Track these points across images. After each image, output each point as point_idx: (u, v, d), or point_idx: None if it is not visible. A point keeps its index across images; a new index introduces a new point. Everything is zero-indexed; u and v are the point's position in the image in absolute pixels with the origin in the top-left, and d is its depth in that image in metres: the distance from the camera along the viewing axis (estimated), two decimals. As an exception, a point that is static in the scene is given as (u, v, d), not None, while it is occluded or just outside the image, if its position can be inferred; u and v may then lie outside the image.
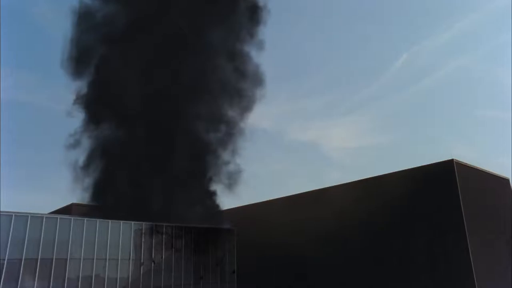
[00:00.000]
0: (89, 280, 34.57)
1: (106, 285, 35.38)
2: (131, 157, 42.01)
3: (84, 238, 34.97)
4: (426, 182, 30.45)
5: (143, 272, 37.94)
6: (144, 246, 38.52)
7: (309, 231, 38.35)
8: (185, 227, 41.66)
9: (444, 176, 29.47)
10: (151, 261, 38.59)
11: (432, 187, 29.93)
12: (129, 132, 43.19)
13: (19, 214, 32.28)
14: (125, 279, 36.83)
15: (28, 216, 32.45)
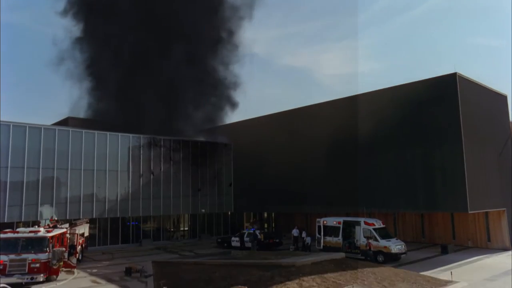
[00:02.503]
0: (91, 190, 35.39)
1: (107, 195, 36.33)
2: (125, 64, 41.06)
3: (83, 150, 35.21)
4: (426, 96, 30.37)
5: (142, 183, 38.86)
6: (143, 159, 39.05)
7: (305, 146, 38.86)
8: (183, 140, 42.03)
9: (445, 90, 29.37)
10: (150, 173, 39.36)
11: (432, 101, 29.92)
12: (121, 33, 41.77)
13: (18, 124, 32.09)
14: (125, 190, 37.78)
15: (26, 126, 32.29)
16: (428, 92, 30.42)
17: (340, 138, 35.68)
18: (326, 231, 29.54)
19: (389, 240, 26.91)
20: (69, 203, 34.01)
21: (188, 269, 23.42)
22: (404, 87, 32.13)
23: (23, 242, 21.25)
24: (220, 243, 35.65)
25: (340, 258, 22.05)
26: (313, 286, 17.06)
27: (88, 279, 23.02)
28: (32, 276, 20.43)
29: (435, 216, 35.58)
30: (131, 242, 37.89)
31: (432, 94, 30.06)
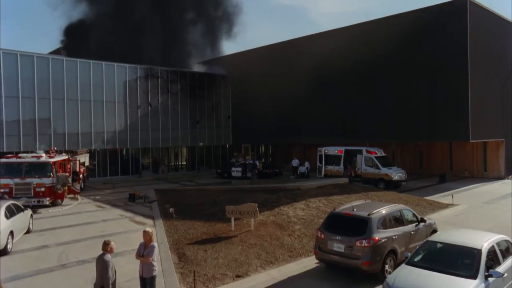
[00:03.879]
0: (88, 121, 34.89)
1: (105, 126, 35.92)
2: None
3: (79, 80, 34.25)
4: (432, 23, 29.29)
5: (140, 115, 38.35)
6: (140, 90, 38.25)
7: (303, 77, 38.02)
8: (180, 71, 41.01)
9: (454, 16, 28.30)
10: (148, 105, 38.74)
11: (439, 28, 28.90)
12: None
13: (8, 51, 30.84)
14: (123, 121, 37.33)
15: (18, 54, 31.06)
16: (434, 19, 29.34)
17: (340, 68, 34.86)
18: (327, 160, 29.72)
19: (390, 168, 27.19)
20: (67, 134, 33.63)
21: (191, 195, 23.59)
22: (409, 15, 30.95)
23: (26, 167, 21.15)
24: (220, 174, 35.91)
25: (344, 183, 22.28)
26: (320, 206, 17.27)
27: (92, 204, 23.21)
28: (38, 199, 20.51)
29: (433, 147, 35.89)
30: (131, 174, 38.07)
31: (439, 21, 29.01)
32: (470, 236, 9.58)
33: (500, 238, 9.35)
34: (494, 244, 8.88)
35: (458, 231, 10.69)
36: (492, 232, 10.13)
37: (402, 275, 8.43)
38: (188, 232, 15.08)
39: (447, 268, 8.32)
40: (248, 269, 11.33)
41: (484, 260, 8.24)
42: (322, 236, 11.11)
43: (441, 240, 9.36)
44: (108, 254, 8.21)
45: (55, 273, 11.70)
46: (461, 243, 8.93)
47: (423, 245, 9.43)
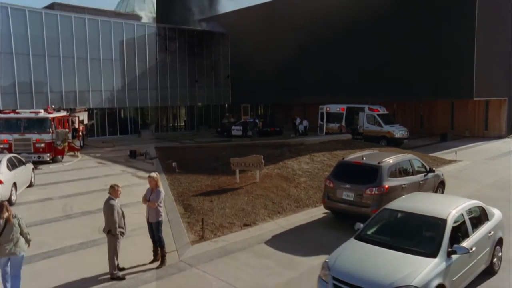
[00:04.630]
0: (86, 79, 34.24)
1: (103, 84, 35.31)
2: None
3: (74, 37, 33.32)
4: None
5: (138, 74, 37.65)
6: (138, 48, 37.37)
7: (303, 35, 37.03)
8: (178, 29, 40.00)
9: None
10: (146, 63, 38.00)
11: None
12: None
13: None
14: (121, 79, 36.68)
15: (8, 7, 29.97)
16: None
17: (340, 25, 33.88)
18: (328, 118, 29.45)
19: (392, 126, 26.99)
20: (64, 92, 33.07)
21: (192, 151, 23.43)
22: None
23: (25, 123, 20.82)
24: (220, 133, 35.68)
25: (347, 139, 22.10)
26: (324, 160, 17.14)
27: (93, 161, 23.05)
28: (38, 155, 20.31)
29: (434, 107, 35.60)
30: (130, 133, 37.80)
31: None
32: (436, 202, 8.17)
33: (472, 204, 7.84)
34: (464, 212, 7.40)
35: (422, 196, 9.14)
36: (465, 198, 8.70)
37: (346, 254, 6.79)
38: (192, 185, 14.98)
39: (404, 244, 6.77)
40: (255, 219, 11.27)
41: (448, 233, 6.70)
42: (331, 185, 10.99)
43: (400, 208, 7.73)
44: (114, 198, 8.05)
45: (60, 223, 11.62)
46: (424, 211, 7.36)
47: (379, 214, 7.84)
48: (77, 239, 10.22)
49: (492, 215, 8.22)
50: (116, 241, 7.98)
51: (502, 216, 8.56)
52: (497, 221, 8.23)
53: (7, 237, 6.86)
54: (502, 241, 8.30)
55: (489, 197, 13.81)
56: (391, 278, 5.92)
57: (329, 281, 6.41)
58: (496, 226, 8.08)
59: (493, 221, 8.10)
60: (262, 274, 8.15)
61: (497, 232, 8.08)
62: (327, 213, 11.88)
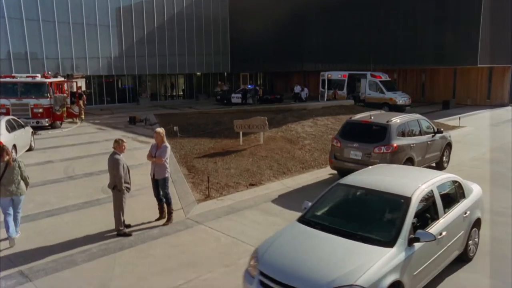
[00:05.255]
0: (82, 46, 33.50)
1: (99, 51, 34.60)
2: None
3: (69, 1, 32.36)
4: None
5: (136, 40, 36.86)
6: (135, 14, 36.43)
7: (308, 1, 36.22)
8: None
9: None
10: (143, 30, 37.11)
11: None
12: None
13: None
14: (118, 46, 35.92)
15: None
16: None
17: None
18: (330, 84, 29.05)
19: (395, 93, 26.67)
20: (61, 59, 32.39)
21: (193, 117, 23.14)
22: None
23: (22, 88, 20.38)
24: (219, 100, 35.24)
25: (350, 105, 21.86)
26: (327, 124, 16.92)
27: (92, 127, 22.74)
28: (37, 120, 19.97)
29: (436, 75, 35.11)
30: (128, 102, 37.33)
31: None
32: (403, 176, 6.63)
33: (445, 179, 6.43)
34: (434, 188, 5.97)
35: (387, 169, 7.41)
36: (439, 171, 7.55)
37: (282, 241, 5.34)
38: (194, 148, 14.77)
39: (358, 229, 5.35)
40: (261, 179, 11.11)
41: (411, 215, 5.29)
42: (338, 145, 10.79)
43: (357, 183, 6.23)
44: (119, 153, 7.82)
45: (63, 183, 11.45)
46: (385, 188, 5.87)
47: (331, 191, 6.32)
48: (80, 198, 10.06)
49: (469, 191, 6.89)
50: (122, 196, 7.80)
51: (481, 193, 7.30)
52: (476, 198, 6.92)
53: (8, 179, 7.33)
54: (480, 222, 7.02)
55: (495, 159, 13.74)
56: (331, 275, 4.55)
57: (256, 276, 4.99)
58: (474, 205, 6.76)
59: (471, 198, 6.77)
60: (270, 231, 8.01)
61: (475, 212, 6.77)
62: (333, 174, 11.73)
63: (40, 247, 7.36)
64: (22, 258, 6.92)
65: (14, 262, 6.79)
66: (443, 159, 12.35)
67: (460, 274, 6.39)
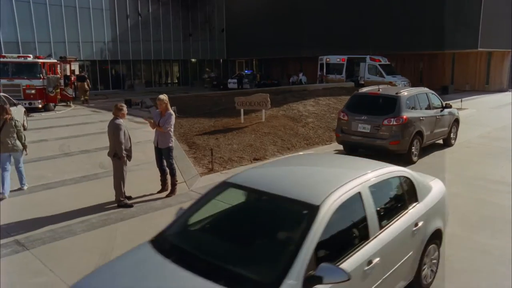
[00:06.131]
0: (75, 29, 32.77)
1: (93, 35, 33.88)
2: None
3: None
4: None
5: (130, 25, 36.14)
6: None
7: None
8: (171, -22, 38.20)
9: None
10: (138, 14, 36.40)
11: None
12: None
13: None
14: (112, 31, 35.21)
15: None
16: None
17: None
18: (328, 69, 28.63)
19: (394, 76, 26.34)
20: (53, 42, 31.64)
21: (190, 100, 22.65)
22: None
23: (13, 68, 19.76)
24: (215, 86, 34.78)
25: (350, 87, 21.49)
26: (329, 103, 16.55)
27: (87, 110, 22.23)
28: (29, 101, 19.39)
29: (434, 61, 34.79)
30: (123, 88, 36.72)
31: None
32: (320, 172, 4.40)
33: (385, 175, 4.23)
34: (365, 190, 3.80)
35: (307, 159, 5.25)
36: (380, 164, 4.65)
37: (101, 279, 3.37)
38: (194, 126, 14.36)
39: (228, 261, 3.32)
40: (265, 154, 10.74)
41: (314, 238, 3.17)
42: (345, 118, 10.42)
43: (250, 184, 3.99)
44: (120, 118, 7.39)
45: (58, 160, 11.01)
46: (285, 191, 3.66)
47: (209, 195, 4.22)
48: (77, 173, 9.63)
49: (425, 192, 4.73)
50: (123, 165, 7.39)
51: (444, 192, 5.15)
52: (434, 201, 4.78)
53: (7, 135, 7.90)
54: (441, 234, 4.86)
55: (501, 137, 13.47)
56: None
57: None
58: (431, 211, 4.63)
59: (427, 202, 4.63)
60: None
61: (432, 222, 4.61)
62: (338, 150, 11.38)
63: (37, 218, 6.95)
64: (18, 228, 6.51)
65: (10, 231, 6.38)
66: (450, 136, 12.04)
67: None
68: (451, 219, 6.44)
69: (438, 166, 9.95)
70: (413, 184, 4.57)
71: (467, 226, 6.50)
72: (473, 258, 5.50)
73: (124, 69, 37.35)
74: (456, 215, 6.75)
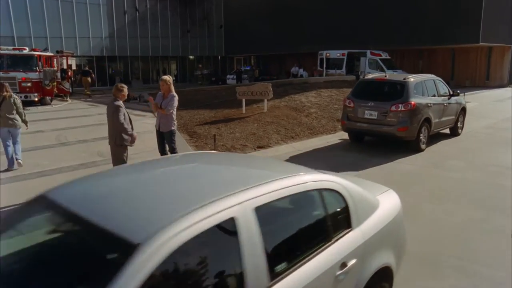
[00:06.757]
0: (72, 25, 32.35)
1: (90, 30, 33.47)
2: None
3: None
4: None
5: (127, 21, 35.75)
6: (126, -8, 35.33)
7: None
8: (169, -27, 37.81)
9: None
10: (135, 10, 36.01)
11: None
12: None
13: None
14: (110, 26, 34.80)
15: None
16: None
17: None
18: (328, 64, 28.32)
19: (395, 71, 26.01)
20: (49, 37, 31.19)
21: (189, 93, 22.29)
22: None
23: (8, 60, 19.36)
24: (214, 82, 34.44)
25: (351, 80, 21.16)
26: (332, 95, 16.26)
27: (84, 104, 21.85)
28: (25, 95, 18.99)
29: (434, 56, 34.60)
30: (120, 84, 36.24)
31: None
32: (205, 179, 2.80)
33: (300, 186, 2.76)
34: (249, 212, 2.35)
35: (197, 158, 3.71)
36: (291, 166, 3.54)
37: None
38: (194, 117, 14.04)
39: None
40: (269, 142, 10.43)
41: None
42: (351, 105, 10.12)
43: (67, 201, 2.52)
44: (119, 100, 7.06)
45: (55, 149, 10.69)
46: (100, 220, 2.20)
47: (17, 214, 2.89)
48: (74, 161, 9.32)
49: (365, 211, 3.22)
50: (123, 150, 7.06)
51: (398, 210, 3.59)
52: (379, 226, 3.26)
53: (6, 111, 8.32)
54: (391, 276, 3.39)
55: (506, 127, 13.23)
56: None
57: None
58: (374, 242, 3.16)
59: (366, 228, 3.15)
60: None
61: (374, 258, 3.15)
62: (343, 139, 11.11)
63: (32, 203, 6.60)
64: (12, 213, 6.17)
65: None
66: (457, 125, 11.78)
67: None
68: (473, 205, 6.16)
69: (447, 154, 9.68)
70: (344, 201, 3.00)
71: (485, 210, 6.21)
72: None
73: (122, 66, 36.91)
74: (477, 201, 6.46)
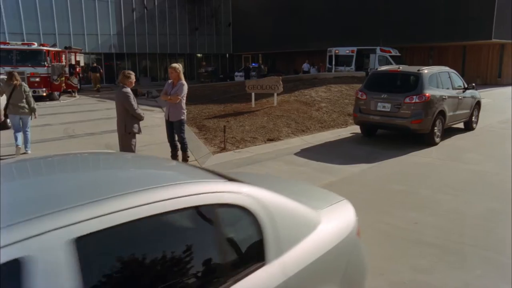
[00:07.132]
0: (80, 22, 32.38)
1: (98, 28, 33.48)
2: None
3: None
4: None
5: (136, 18, 35.72)
6: (134, -11, 35.31)
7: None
8: (177, -30, 37.72)
9: None
10: (144, 7, 35.97)
11: None
12: None
13: None
14: (118, 24, 34.81)
15: None
16: None
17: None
18: (337, 61, 28.05)
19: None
20: (58, 34, 31.23)
21: (198, 89, 22.28)
22: None
23: (17, 56, 19.34)
24: (222, 79, 34.28)
25: (361, 76, 20.88)
26: (342, 90, 16.02)
27: (92, 99, 21.78)
28: (33, 90, 18.89)
29: (444, 53, 34.14)
30: (128, 82, 36.24)
31: None
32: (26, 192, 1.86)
33: (179, 201, 1.83)
34: (58, 247, 1.45)
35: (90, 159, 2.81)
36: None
37: None
38: (203, 111, 13.88)
39: None
40: (279, 135, 10.24)
41: None
42: (364, 97, 9.90)
43: None
44: (127, 87, 6.92)
45: (63, 141, 10.58)
46: None
47: None
48: (83, 152, 9.17)
49: (293, 235, 2.24)
50: (132, 137, 6.93)
51: (351, 229, 2.65)
52: (316, 254, 2.29)
53: (17, 99, 8.76)
54: None
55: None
56: None
57: None
58: (306, 277, 2.19)
59: (291, 260, 2.15)
60: (300, 178, 7.17)
61: None
62: (355, 133, 10.89)
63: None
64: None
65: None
66: (472, 119, 11.50)
67: None
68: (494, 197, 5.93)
69: (463, 147, 9.42)
70: (256, 222, 2.09)
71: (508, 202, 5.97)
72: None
73: (130, 65, 36.88)
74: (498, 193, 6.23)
